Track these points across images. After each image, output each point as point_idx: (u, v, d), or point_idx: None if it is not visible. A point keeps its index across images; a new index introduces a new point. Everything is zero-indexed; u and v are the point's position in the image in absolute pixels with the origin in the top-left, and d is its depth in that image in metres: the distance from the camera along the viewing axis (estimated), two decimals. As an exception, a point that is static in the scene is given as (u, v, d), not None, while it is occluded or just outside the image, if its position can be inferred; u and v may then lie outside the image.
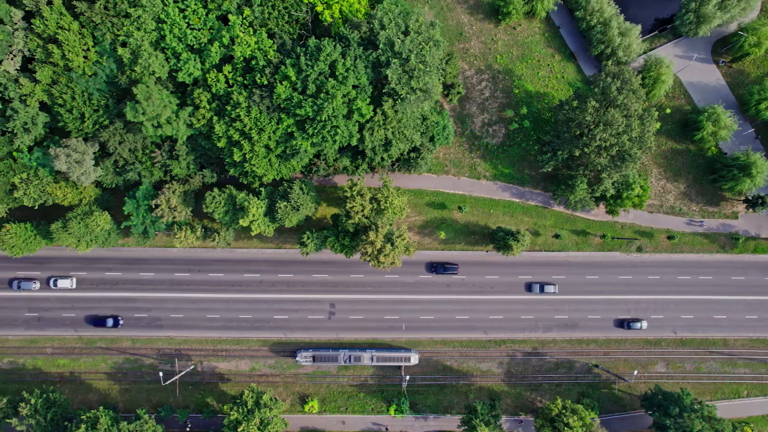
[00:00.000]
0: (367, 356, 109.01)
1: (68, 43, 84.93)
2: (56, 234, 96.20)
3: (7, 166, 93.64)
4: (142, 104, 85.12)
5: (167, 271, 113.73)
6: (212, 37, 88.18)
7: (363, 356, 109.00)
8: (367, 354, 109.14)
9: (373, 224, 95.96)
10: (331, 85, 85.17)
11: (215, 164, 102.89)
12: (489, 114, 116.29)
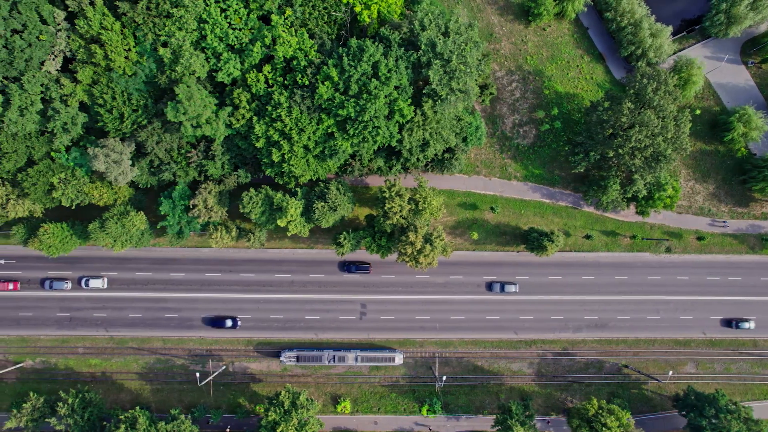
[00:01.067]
0: (352, 356, 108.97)
1: (111, 44, 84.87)
2: (94, 234, 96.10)
3: (46, 166, 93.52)
4: (184, 104, 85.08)
5: (198, 271, 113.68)
6: (254, 37, 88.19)
7: (347, 356, 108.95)
8: (351, 354, 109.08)
9: (411, 225, 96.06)
10: (374, 86, 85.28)
11: (250, 164, 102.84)
12: (519, 115, 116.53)
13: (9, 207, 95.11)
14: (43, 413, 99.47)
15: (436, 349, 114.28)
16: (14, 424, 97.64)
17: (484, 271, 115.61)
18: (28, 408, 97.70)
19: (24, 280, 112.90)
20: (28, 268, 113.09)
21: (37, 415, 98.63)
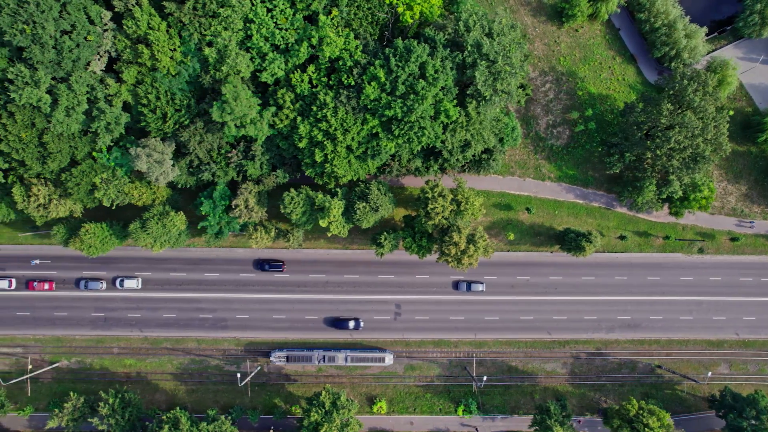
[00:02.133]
0: (342, 356, 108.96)
1: (158, 43, 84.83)
2: (135, 234, 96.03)
3: (89, 166, 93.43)
4: (230, 104, 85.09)
5: (232, 271, 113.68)
6: (299, 37, 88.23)
7: (337, 356, 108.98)
8: (341, 354, 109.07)
9: (452, 225, 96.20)
10: (421, 87, 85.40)
11: (288, 165, 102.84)
12: (553, 116, 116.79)
13: (51, 207, 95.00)
14: (83, 413, 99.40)
15: (470, 350, 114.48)
16: (56, 424, 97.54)
17: (518, 271, 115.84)
18: (69, 408, 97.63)
19: (59, 280, 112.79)
20: (63, 268, 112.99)
21: (78, 415, 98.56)
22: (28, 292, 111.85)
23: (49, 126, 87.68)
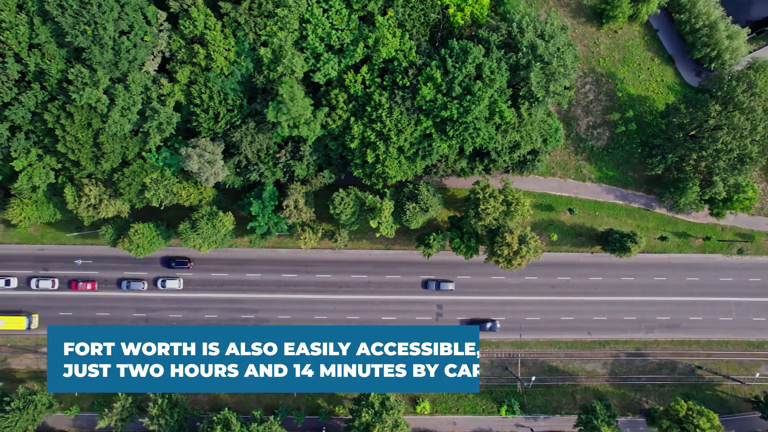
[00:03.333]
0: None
1: (214, 43, 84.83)
2: (184, 235, 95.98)
3: (140, 166, 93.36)
4: (287, 104, 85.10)
5: (274, 272, 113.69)
6: (355, 37, 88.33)
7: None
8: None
9: (502, 226, 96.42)
10: (477, 88, 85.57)
11: (334, 165, 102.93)
12: (593, 117, 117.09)
13: (102, 207, 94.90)
14: (131, 413, 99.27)
15: (512, 350, 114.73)
16: (105, 424, 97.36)
17: (558, 272, 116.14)
18: (118, 408, 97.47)
19: (101, 280, 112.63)
20: (105, 269, 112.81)
21: (126, 415, 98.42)
22: (71, 292, 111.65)
23: (104, 126, 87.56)
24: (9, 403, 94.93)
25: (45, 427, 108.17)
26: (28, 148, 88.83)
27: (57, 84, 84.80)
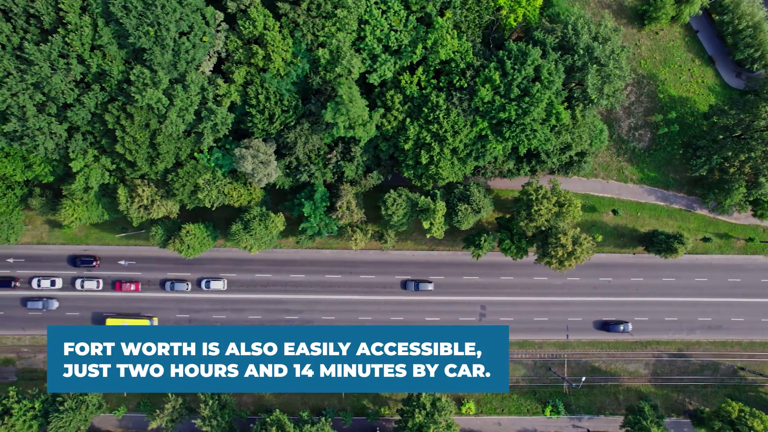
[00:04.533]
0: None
1: (274, 44, 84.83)
2: (237, 235, 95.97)
3: (193, 167, 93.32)
4: (346, 105, 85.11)
5: (318, 273, 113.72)
6: (413, 38, 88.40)
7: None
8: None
9: (553, 227, 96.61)
10: (536, 89, 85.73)
11: (383, 166, 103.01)
12: (635, 118, 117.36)
13: (153, 208, 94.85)
14: (181, 414, 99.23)
15: (554, 351, 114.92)
16: (156, 425, 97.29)
17: (600, 272, 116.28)
18: (169, 408, 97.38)
19: (144, 281, 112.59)
20: (148, 270, 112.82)
21: (176, 416, 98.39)
22: (115, 293, 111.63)
23: (160, 127, 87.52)
24: (62, 403, 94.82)
25: (92, 427, 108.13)
26: (85, 148, 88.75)
27: (116, 85, 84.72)
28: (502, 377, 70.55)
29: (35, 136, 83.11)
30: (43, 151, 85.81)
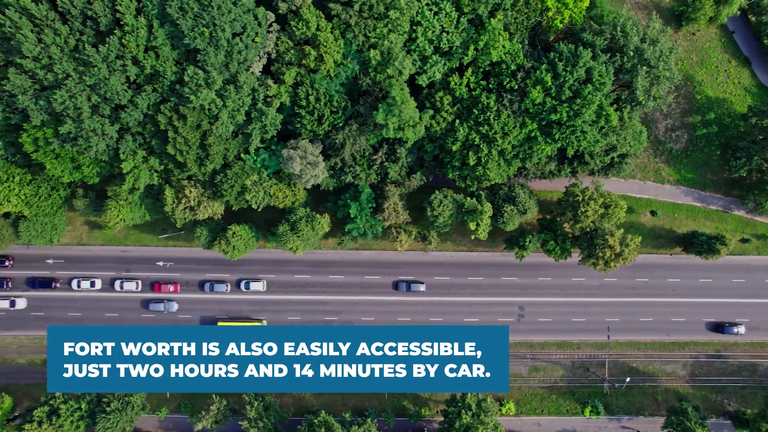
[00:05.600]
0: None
1: (326, 45, 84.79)
2: (283, 237, 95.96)
3: (240, 168, 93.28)
4: (398, 106, 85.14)
5: (357, 274, 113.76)
6: (464, 40, 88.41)
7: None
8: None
9: (598, 228, 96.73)
10: (588, 91, 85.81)
11: (425, 167, 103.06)
12: (672, 119, 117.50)
13: (200, 209, 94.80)
14: (225, 415, 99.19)
15: (592, 351, 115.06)
16: (201, 426, 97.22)
17: (637, 273, 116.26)
18: (213, 410, 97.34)
19: (182, 282, 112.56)
20: (186, 271, 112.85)
21: (220, 417, 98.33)
22: (154, 294, 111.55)
23: (211, 128, 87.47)
24: (108, 404, 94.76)
25: (134, 428, 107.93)
26: (135, 149, 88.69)
27: (168, 86, 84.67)
28: (503, 377, 70.94)
29: (89, 138, 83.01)
30: (95, 152, 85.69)
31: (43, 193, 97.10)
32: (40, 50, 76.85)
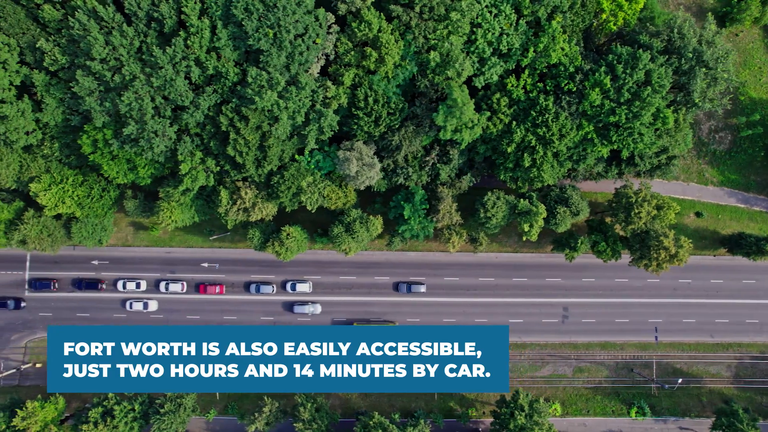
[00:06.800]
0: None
1: (388, 46, 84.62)
2: (338, 238, 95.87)
3: (296, 169, 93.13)
4: (460, 108, 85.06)
5: (403, 275, 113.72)
6: (523, 42, 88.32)
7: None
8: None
9: (650, 230, 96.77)
10: (647, 93, 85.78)
11: (475, 168, 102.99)
12: (715, 121, 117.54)
13: (255, 211, 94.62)
14: (276, 417, 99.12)
15: (635, 352, 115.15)
16: (253, 428, 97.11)
17: (679, 274, 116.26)
18: (266, 412, 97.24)
19: (228, 283, 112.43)
20: (231, 272, 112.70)
21: (272, 419, 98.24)
22: (199, 296, 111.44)
23: (271, 130, 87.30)
24: (162, 405, 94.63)
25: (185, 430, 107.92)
26: (192, 151, 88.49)
27: (229, 87, 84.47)
28: (502, 377, 71.23)
29: (151, 139, 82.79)
30: (155, 154, 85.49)
31: (95, 194, 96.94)
32: (108, 52, 76.55)
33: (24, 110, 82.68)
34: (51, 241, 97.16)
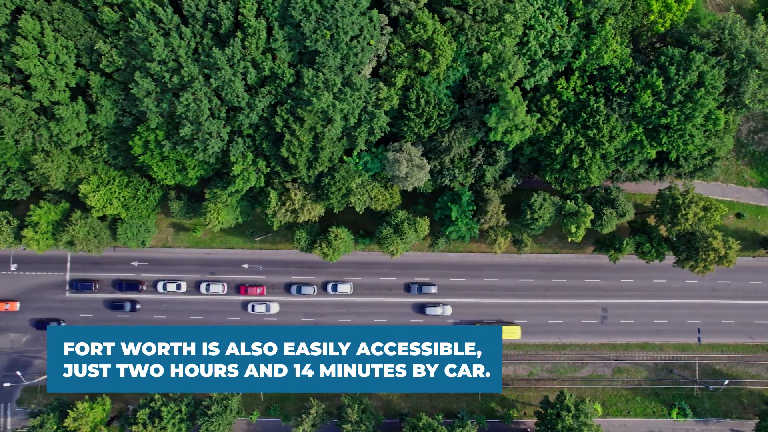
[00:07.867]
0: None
1: (442, 48, 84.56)
2: (387, 240, 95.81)
3: (346, 171, 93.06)
4: (513, 110, 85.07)
5: (443, 276, 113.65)
6: (574, 44, 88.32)
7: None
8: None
9: (696, 231, 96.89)
10: (700, 95, 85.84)
11: (520, 170, 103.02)
12: (754, 122, 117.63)
13: (304, 212, 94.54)
14: (322, 418, 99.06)
15: (675, 353, 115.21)
16: (301, 430, 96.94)
17: (718, 275, 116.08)
18: (312, 413, 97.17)
19: (269, 285, 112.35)
20: (272, 273, 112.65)
21: (317, 421, 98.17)
22: (240, 297, 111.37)
23: (324, 131, 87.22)
24: (209, 407, 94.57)
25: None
26: (244, 152, 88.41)
27: (284, 88, 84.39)
28: (496, 377, 71.77)
29: (206, 140, 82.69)
30: (207, 155, 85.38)
31: (140, 195, 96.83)
32: (167, 54, 76.45)
33: (79, 112, 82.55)
34: (97, 242, 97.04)
